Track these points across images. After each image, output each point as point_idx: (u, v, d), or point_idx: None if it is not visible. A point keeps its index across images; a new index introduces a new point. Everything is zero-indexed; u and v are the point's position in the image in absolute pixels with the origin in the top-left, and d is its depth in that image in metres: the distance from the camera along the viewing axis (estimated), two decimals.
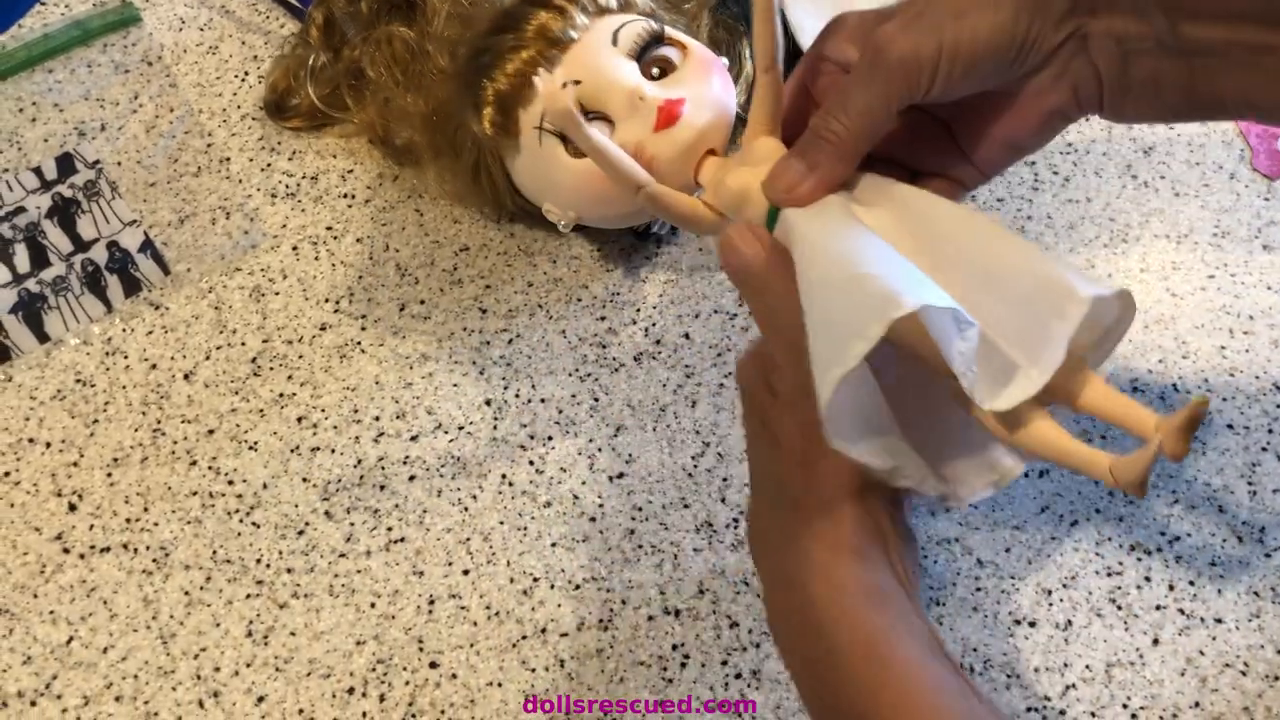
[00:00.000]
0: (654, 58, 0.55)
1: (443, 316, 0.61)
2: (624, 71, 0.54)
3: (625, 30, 0.55)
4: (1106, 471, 0.41)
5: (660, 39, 0.55)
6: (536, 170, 0.56)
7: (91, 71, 0.70)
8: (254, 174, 0.66)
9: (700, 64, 0.55)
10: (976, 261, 0.44)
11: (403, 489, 0.56)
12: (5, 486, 0.56)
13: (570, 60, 0.54)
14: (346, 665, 0.52)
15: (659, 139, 0.52)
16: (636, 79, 0.54)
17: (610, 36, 0.54)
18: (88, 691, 0.51)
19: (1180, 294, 0.61)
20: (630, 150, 0.50)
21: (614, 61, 0.54)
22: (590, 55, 0.54)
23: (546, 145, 0.55)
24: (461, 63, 0.58)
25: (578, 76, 0.54)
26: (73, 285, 0.62)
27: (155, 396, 0.59)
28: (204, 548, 0.55)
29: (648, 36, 0.55)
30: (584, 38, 0.54)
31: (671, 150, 0.52)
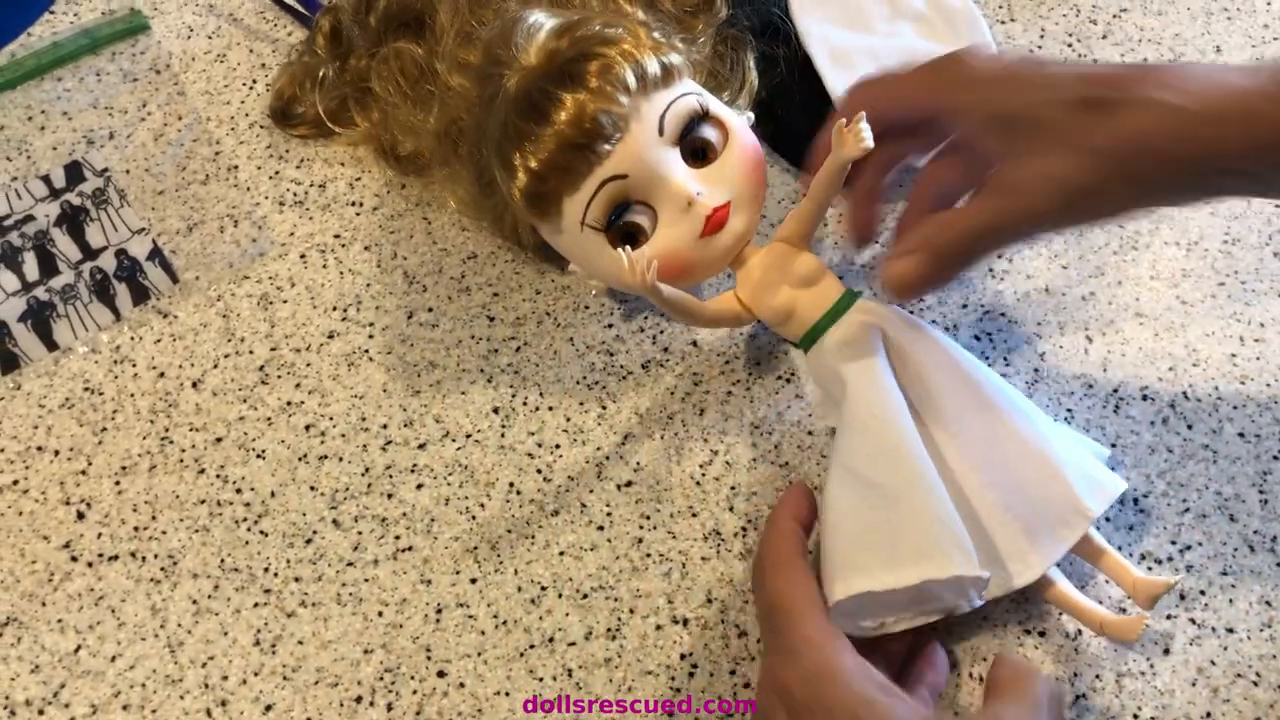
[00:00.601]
0: (695, 139, 0.52)
1: (450, 324, 0.61)
2: (676, 171, 0.51)
3: (671, 114, 0.52)
4: (1099, 626, 0.50)
5: (704, 117, 0.53)
6: (571, 246, 0.54)
7: (100, 80, 0.70)
8: (262, 182, 0.66)
9: (744, 155, 0.53)
10: (998, 452, 0.50)
11: (410, 497, 0.56)
12: (14, 495, 0.56)
13: (617, 154, 0.51)
14: (354, 674, 0.51)
15: (702, 244, 0.52)
16: (686, 179, 0.51)
17: (657, 124, 0.51)
18: (95, 700, 0.51)
19: (1190, 301, 0.60)
20: (665, 255, 0.51)
21: (664, 156, 0.51)
22: (638, 150, 0.51)
23: (588, 235, 0.52)
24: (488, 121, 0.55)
25: (624, 171, 0.51)
26: (81, 293, 0.62)
27: (163, 405, 0.59)
28: (212, 556, 0.55)
29: (692, 117, 0.52)
30: (631, 130, 0.51)
31: (712, 255, 0.52)
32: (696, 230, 0.51)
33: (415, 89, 0.61)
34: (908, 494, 0.48)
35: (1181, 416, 0.57)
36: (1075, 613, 0.51)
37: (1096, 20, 0.71)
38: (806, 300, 0.52)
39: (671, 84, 0.53)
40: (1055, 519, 0.49)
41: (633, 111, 0.51)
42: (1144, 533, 0.54)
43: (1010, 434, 0.50)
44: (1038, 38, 0.70)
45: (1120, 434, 0.56)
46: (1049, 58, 0.47)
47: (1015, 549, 0.50)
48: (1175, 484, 0.55)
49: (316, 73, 0.66)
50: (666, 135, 0.52)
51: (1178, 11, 0.71)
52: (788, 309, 0.53)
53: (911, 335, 0.52)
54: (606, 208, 0.51)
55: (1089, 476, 0.50)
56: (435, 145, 0.61)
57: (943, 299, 0.61)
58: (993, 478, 0.50)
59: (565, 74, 0.51)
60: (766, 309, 0.53)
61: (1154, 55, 0.69)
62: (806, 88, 0.65)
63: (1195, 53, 0.69)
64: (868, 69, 0.66)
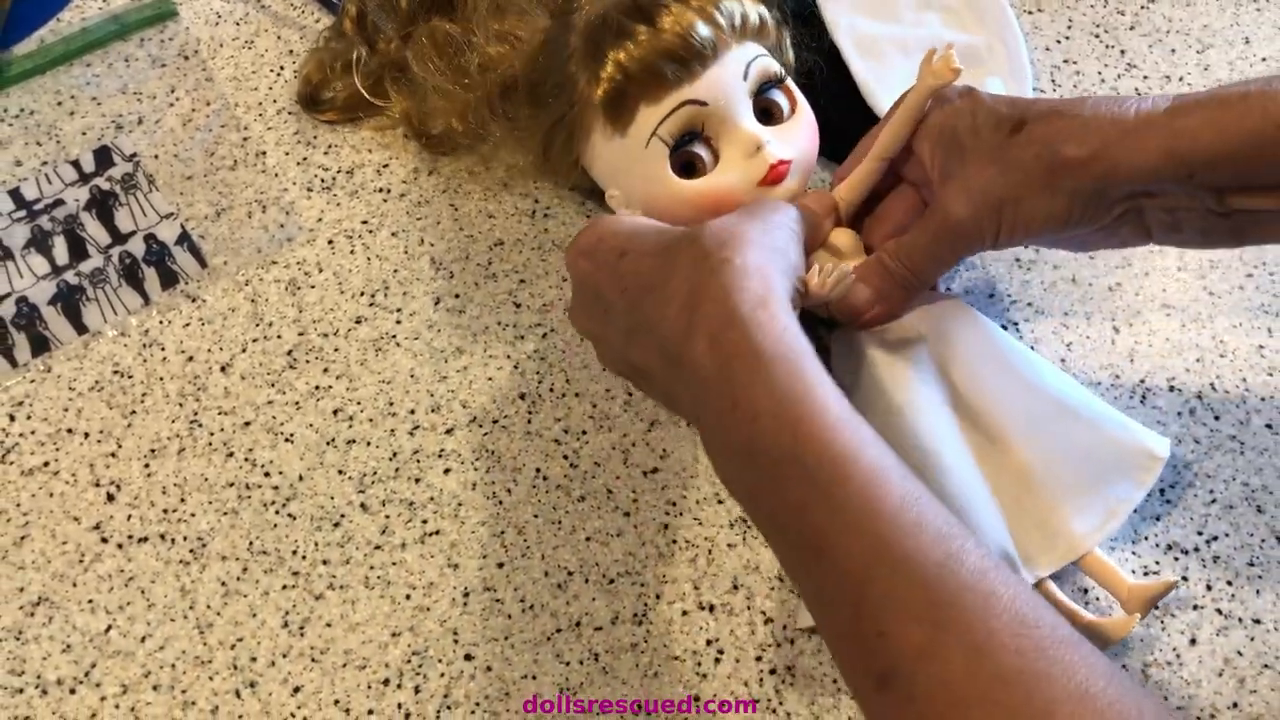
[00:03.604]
0: (766, 99, 0.55)
1: (477, 310, 0.61)
2: (748, 116, 0.54)
3: (756, 66, 0.54)
4: (1086, 627, 0.50)
5: (779, 82, 0.55)
6: (626, 165, 0.55)
7: (129, 66, 0.71)
8: (290, 168, 0.66)
9: (808, 125, 0.56)
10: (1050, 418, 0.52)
11: (438, 482, 0.56)
12: (45, 476, 0.57)
13: (705, 80, 0.53)
14: (382, 657, 0.52)
15: (756, 192, 0.53)
16: (760, 128, 0.54)
17: (744, 69, 0.54)
18: (126, 680, 0.51)
19: (1218, 292, 0.60)
20: (720, 192, 0.53)
21: (742, 100, 0.54)
22: (723, 85, 0.53)
23: (653, 151, 0.54)
24: (565, 28, 0.56)
25: (705, 98, 0.53)
26: (110, 277, 0.62)
27: (192, 388, 0.59)
28: (240, 539, 0.55)
29: (771, 78, 0.55)
30: (723, 61, 0.53)
31: None
32: (757, 177, 0.53)
33: (453, 64, 0.62)
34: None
35: (1209, 408, 0.57)
36: (1062, 612, 0.50)
37: (1124, 11, 0.71)
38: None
39: (762, 38, 0.56)
40: (1131, 466, 0.51)
41: (728, 45, 0.54)
42: (1170, 523, 0.54)
43: (1062, 400, 0.52)
44: (1065, 28, 0.70)
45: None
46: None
47: (1095, 501, 0.51)
48: (1202, 475, 0.55)
49: (344, 58, 0.67)
50: (748, 83, 0.54)
51: (1206, 2, 0.71)
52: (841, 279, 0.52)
53: (947, 318, 0.53)
54: (679, 129, 0.53)
55: (1144, 428, 0.53)
56: (478, 112, 0.61)
57: (969, 289, 0.61)
58: (1059, 446, 0.51)
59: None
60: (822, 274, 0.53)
61: (1181, 46, 0.69)
62: (835, 78, 0.65)
63: (1224, 43, 0.69)
64: (895, 59, 0.66)
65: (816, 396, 0.41)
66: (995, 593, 0.38)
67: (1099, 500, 0.51)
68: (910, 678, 0.37)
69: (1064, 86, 0.68)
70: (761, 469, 0.41)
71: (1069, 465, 0.51)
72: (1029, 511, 0.50)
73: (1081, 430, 0.51)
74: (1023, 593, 0.38)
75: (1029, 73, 0.66)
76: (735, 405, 0.42)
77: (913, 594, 0.38)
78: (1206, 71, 0.68)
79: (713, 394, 0.43)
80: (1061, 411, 0.51)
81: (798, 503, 0.40)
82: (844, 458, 0.40)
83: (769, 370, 0.41)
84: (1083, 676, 0.36)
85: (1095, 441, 0.51)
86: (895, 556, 0.38)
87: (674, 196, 0.54)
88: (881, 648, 0.38)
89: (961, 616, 0.37)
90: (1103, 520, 0.50)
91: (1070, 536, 0.50)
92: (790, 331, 0.43)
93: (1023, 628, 0.37)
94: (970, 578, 0.38)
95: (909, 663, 0.37)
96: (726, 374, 0.42)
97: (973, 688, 0.36)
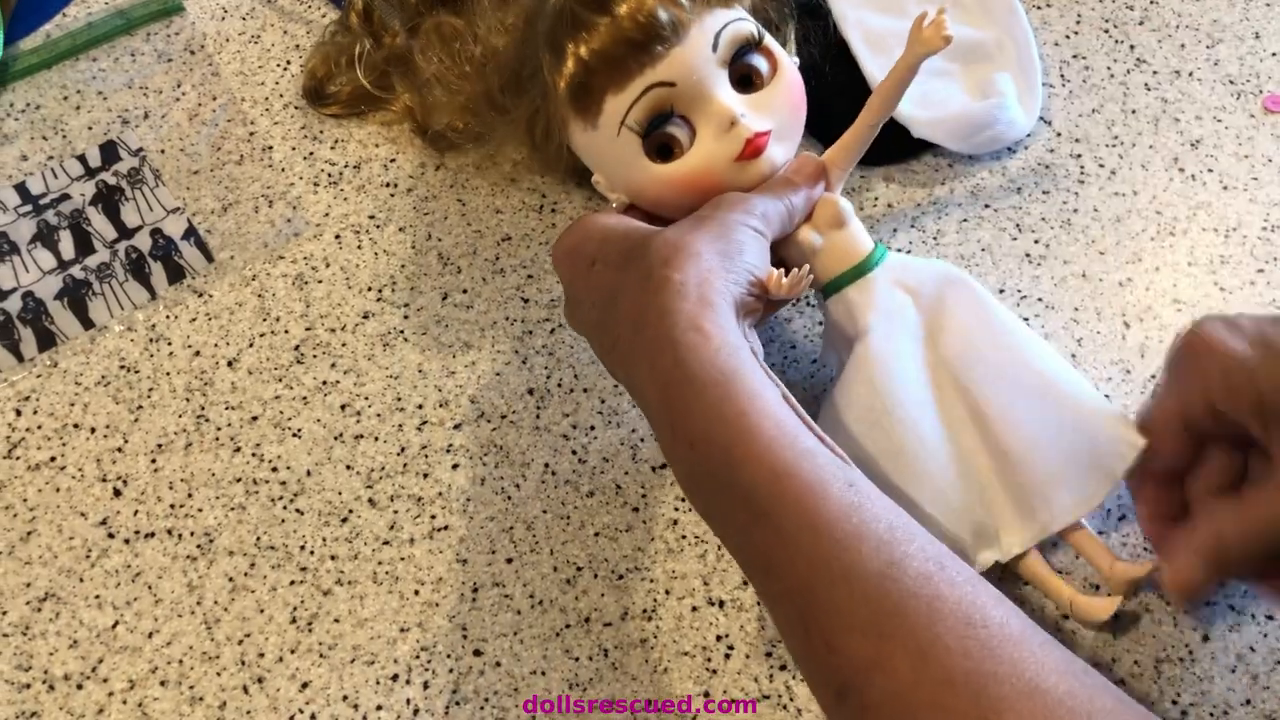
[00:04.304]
0: (744, 65, 0.53)
1: (485, 306, 0.61)
2: (722, 90, 0.52)
3: (727, 34, 0.52)
4: (1068, 603, 0.50)
5: (756, 45, 0.53)
6: (603, 150, 0.54)
7: (135, 60, 0.70)
8: (296, 162, 0.66)
9: (790, 88, 0.54)
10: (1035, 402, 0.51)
11: (446, 477, 0.56)
12: (51, 471, 0.56)
13: (669, 60, 0.51)
14: (390, 652, 0.52)
15: (736, 167, 0.52)
16: (733, 101, 0.52)
17: (712, 41, 0.51)
18: (133, 675, 0.51)
19: (1229, 288, 0.60)
20: (698, 172, 0.52)
21: (713, 74, 0.52)
22: (690, 62, 0.51)
23: (625, 138, 0.52)
24: (540, 9, 0.55)
25: (672, 79, 0.51)
26: (117, 272, 0.62)
27: (199, 383, 0.59)
28: (248, 534, 0.55)
29: (746, 42, 0.52)
30: (687, 37, 0.51)
31: (745, 180, 0.52)
32: (734, 152, 0.51)
33: (457, 57, 0.61)
34: (883, 468, 0.49)
35: None
36: (1045, 587, 0.51)
37: (1134, 6, 0.70)
38: (828, 247, 0.52)
39: (731, 4, 0.53)
40: (1113, 447, 0.50)
41: (692, 20, 0.51)
42: None
43: (1049, 376, 0.51)
44: (1074, 23, 0.70)
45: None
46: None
47: (1077, 479, 0.50)
48: None
49: (349, 52, 0.66)
50: (719, 54, 0.52)
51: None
52: (809, 250, 0.52)
53: (944, 294, 0.52)
54: (648, 114, 0.51)
55: (1126, 414, 0.52)
56: (479, 105, 0.61)
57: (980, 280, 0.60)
58: (1044, 423, 0.50)
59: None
60: (788, 246, 0.52)
61: (1190, 41, 0.69)
62: (842, 71, 0.65)
63: (1234, 38, 0.69)
64: None
65: (750, 418, 0.41)
66: (940, 595, 0.38)
67: (1078, 479, 0.50)
68: (861, 690, 0.37)
69: (1073, 82, 0.67)
70: (707, 493, 0.42)
71: (1050, 442, 0.50)
72: (1008, 486, 0.50)
73: (1066, 408, 0.51)
74: (969, 593, 0.38)
75: (1038, 68, 0.66)
76: (674, 432, 0.42)
77: (856, 606, 0.38)
78: (1216, 66, 0.68)
79: (655, 418, 0.44)
80: (1047, 388, 0.51)
81: (742, 524, 0.41)
82: (779, 475, 0.40)
83: (700, 395, 0.41)
84: (1032, 673, 0.36)
85: (1078, 420, 0.51)
86: (835, 571, 0.38)
87: (653, 181, 0.52)
88: (832, 662, 0.38)
89: (905, 624, 0.37)
90: (1081, 500, 0.50)
91: (1048, 512, 0.50)
92: (724, 352, 0.42)
93: (969, 629, 0.37)
94: (913, 584, 0.38)
95: (859, 675, 0.37)
96: (665, 401, 0.43)
97: (921, 694, 0.36)
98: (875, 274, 0.52)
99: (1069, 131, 0.66)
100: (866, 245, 0.53)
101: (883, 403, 0.50)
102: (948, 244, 0.62)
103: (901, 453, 0.49)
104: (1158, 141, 0.65)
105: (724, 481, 0.41)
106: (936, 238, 0.62)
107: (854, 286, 0.52)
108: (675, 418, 0.42)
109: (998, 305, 0.53)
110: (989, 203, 0.63)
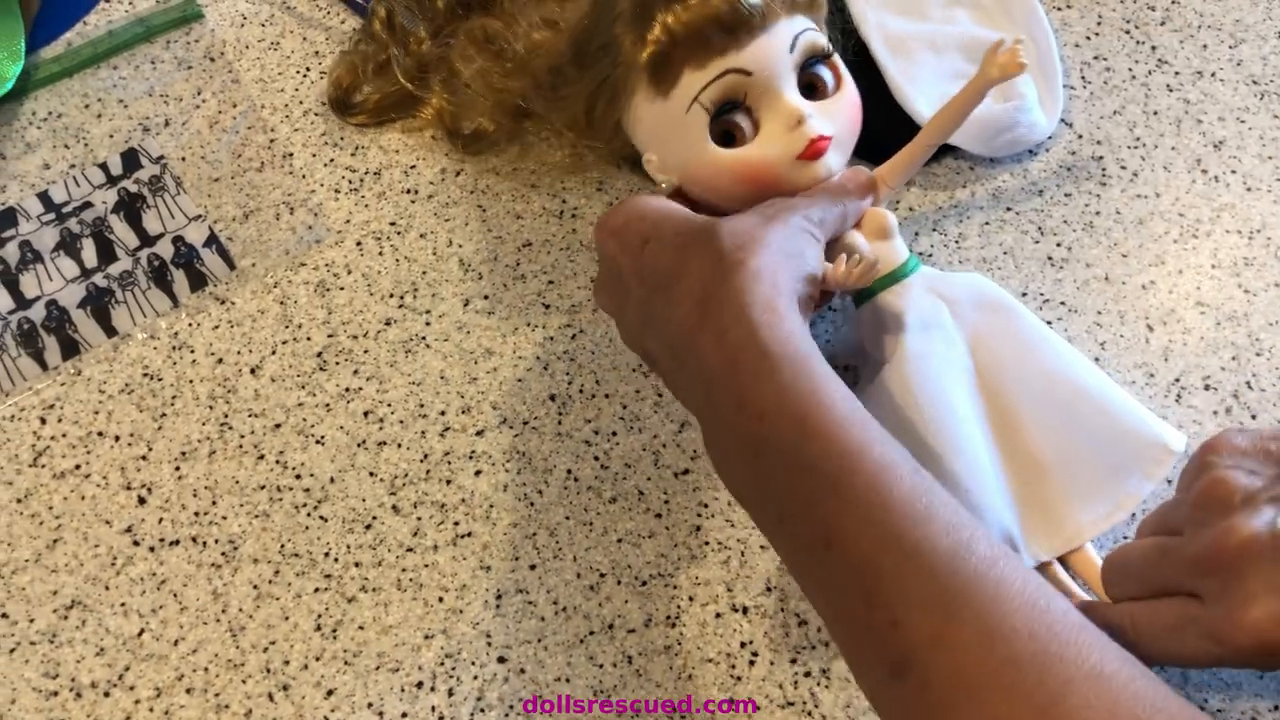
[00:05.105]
0: (812, 74, 0.54)
1: (506, 312, 0.61)
2: (790, 89, 0.53)
3: (803, 39, 0.53)
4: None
5: (826, 58, 0.54)
6: (666, 129, 0.54)
7: (155, 68, 0.71)
8: (317, 169, 0.66)
9: (851, 103, 0.55)
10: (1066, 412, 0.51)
11: (469, 483, 0.56)
12: (76, 479, 0.57)
13: (751, 49, 0.52)
14: (415, 659, 0.52)
15: (795, 165, 0.52)
16: (802, 101, 0.53)
17: (790, 42, 0.53)
18: (159, 683, 0.51)
19: (1253, 290, 0.60)
20: (757, 163, 0.52)
21: (786, 73, 0.53)
22: (769, 55, 0.52)
23: (694, 117, 0.53)
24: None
25: (750, 68, 0.52)
26: (139, 280, 0.62)
27: (222, 390, 0.59)
28: (272, 541, 0.55)
29: (818, 52, 0.54)
30: (770, 31, 0.52)
31: (801, 180, 0.52)
32: (797, 149, 0.52)
33: (498, 57, 0.61)
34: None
35: (1245, 406, 0.56)
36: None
37: (1155, 6, 0.70)
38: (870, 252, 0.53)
39: (813, 13, 0.55)
40: (1143, 458, 0.51)
41: (779, 17, 0.52)
42: None
43: (1080, 386, 0.52)
44: (1094, 24, 0.70)
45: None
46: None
47: (1104, 492, 0.51)
48: None
49: (375, 60, 0.67)
50: (794, 56, 0.53)
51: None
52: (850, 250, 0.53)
53: (977, 303, 0.53)
54: (721, 96, 0.52)
55: (1162, 422, 0.52)
56: (525, 100, 0.61)
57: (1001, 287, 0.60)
58: (1072, 435, 0.51)
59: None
60: (838, 250, 0.52)
61: (1213, 41, 0.68)
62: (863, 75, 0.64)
63: (1257, 38, 0.68)
64: (924, 56, 0.66)
65: (823, 394, 0.41)
66: (1006, 579, 0.38)
67: (1107, 490, 0.51)
68: (924, 666, 0.37)
69: (1094, 84, 0.67)
70: (768, 465, 0.42)
71: (1081, 452, 0.51)
72: (1036, 495, 0.51)
73: (1096, 418, 0.51)
74: (1033, 579, 0.38)
75: (1059, 70, 0.66)
76: (741, 403, 0.42)
77: (924, 583, 0.38)
78: (1239, 67, 0.67)
79: (719, 391, 0.43)
80: (1079, 398, 0.51)
81: (806, 497, 0.41)
82: (852, 452, 0.40)
83: (776, 369, 0.42)
84: (1096, 658, 0.36)
85: (1109, 431, 0.51)
86: (906, 547, 0.38)
87: (711, 164, 0.53)
88: (894, 637, 0.38)
89: (973, 603, 0.37)
90: (1109, 510, 0.51)
91: (1075, 524, 0.50)
92: (797, 335, 0.43)
93: (1035, 611, 0.37)
94: (981, 565, 0.38)
95: (922, 651, 0.37)
96: (733, 372, 0.43)
97: (986, 672, 0.36)
98: (911, 279, 0.53)
99: (1090, 133, 0.65)
100: (904, 255, 0.53)
101: (915, 402, 0.50)
102: (969, 247, 0.62)
103: (930, 454, 0.49)
104: (1180, 143, 0.65)
105: (792, 452, 0.41)
106: (959, 241, 0.62)
107: (889, 291, 0.53)
108: (745, 389, 0.42)
109: (1030, 315, 0.53)
110: (1011, 206, 0.63)
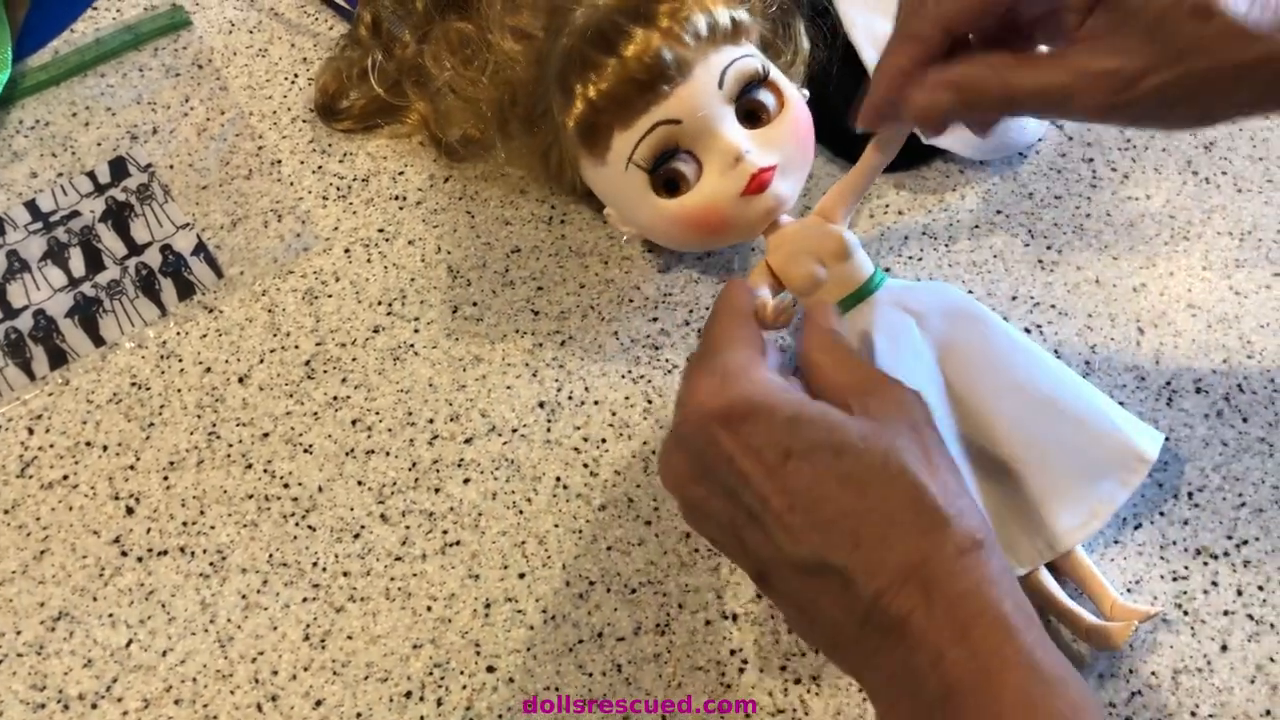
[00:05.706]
0: (750, 100, 0.54)
1: (495, 319, 0.61)
2: (728, 126, 0.53)
3: (733, 71, 0.53)
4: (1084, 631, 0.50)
5: (763, 81, 0.54)
6: (612, 185, 0.56)
7: (143, 75, 0.70)
8: (305, 176, 0.66)
9: (794, 123, 0.54)
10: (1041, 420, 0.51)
11: (457, 492, 0.56)
12: (64, 490, 0.57)
13: (675, 98, 0.52)
14: (404, 669, 0.51)
15: (741, 202, 0.52)
16: (740, 138, 0.52)
17: (718, 78, 0.52)
18: (147, 694, 0.51)
19: (1244, 292, 0.59)
20: (704, 208, 0.53)
21: (719, 111, 0.53)
22: (696, 99, 0.52)
23: (633, 174, 0.53)
24: (552, 50, 0.55)
25: (678, 116, 0.52)
26: (127, 289, 0.62)
27: (210, 400, 0.59)
28: (260, 551, 0.55)
29: (752, 78, 0.53)
30: (693, 75, 0.52)
31: (751, 214, 0.53)
32: (739, 187, 0.52)
33: (469, 63, 0.61)
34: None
35: (1236, 409, 0.56)
36: (1060, 613, 0.50)
37: None
38: (833, 277, 0.53)
39: (739, 41, 0.54)
40: (1118, 465, 0.50)
41: (697, 59, 0.52)
42: (1199, 527, 0.53)
43: (1053, 395, 0.51)
44: None
45: (1174, 427, 0.56)
46: None
47: (1080, 499, 0.50)
48: (1230, 478, 0.54)
49: (361, 65, 0.66)
50: (725, 91, 0.53)
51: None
52: (814, 282, 0.53)
53: (946, 315, 0.53)
54: (655, 150, 0.53)
55: (1138, 428, 0.52)
56: (493, 114, 0.61)
57: (991, 291, 0.60)
58: (1046, 444, 0.50)
59: (638, 10, 0.52)
60: (795, 278, 0.53)
61: None
62: (850, 78, 0.64)
63: None
64: None
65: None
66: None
67: (1083, 499, 0.50)
68: None
69: None
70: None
71: (1055, 462, 0.50)
72: (1012, 506, 0.50)
73: (1070, 427, 0.51)
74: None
75: None
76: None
77: None
78: None
79: (914, 650, 0.39)
80: (1050, 404, 0.51)
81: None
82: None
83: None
84: None
85: (1083, 439, 0.51)
86: None
87: (659, 216, 0.54)
88: None
89: None
90: (1085, 519, 0.50)
91: (1051, 534, 0.50)
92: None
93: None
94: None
95: None
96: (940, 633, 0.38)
97: None
98: (876, 296, 0.52)
99: (1080, 135, 0.65)
100: (867, 271, 0.53)
101: None
102: (959, 251, 0.61)
103: None
104: (1170, 144, 0.65)
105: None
106: (948, 245, 0.62)
107: (855, 311, 0.52)
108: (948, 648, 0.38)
109: (1001, 323, 0.53)
110: (1001, 209, 0.63)
